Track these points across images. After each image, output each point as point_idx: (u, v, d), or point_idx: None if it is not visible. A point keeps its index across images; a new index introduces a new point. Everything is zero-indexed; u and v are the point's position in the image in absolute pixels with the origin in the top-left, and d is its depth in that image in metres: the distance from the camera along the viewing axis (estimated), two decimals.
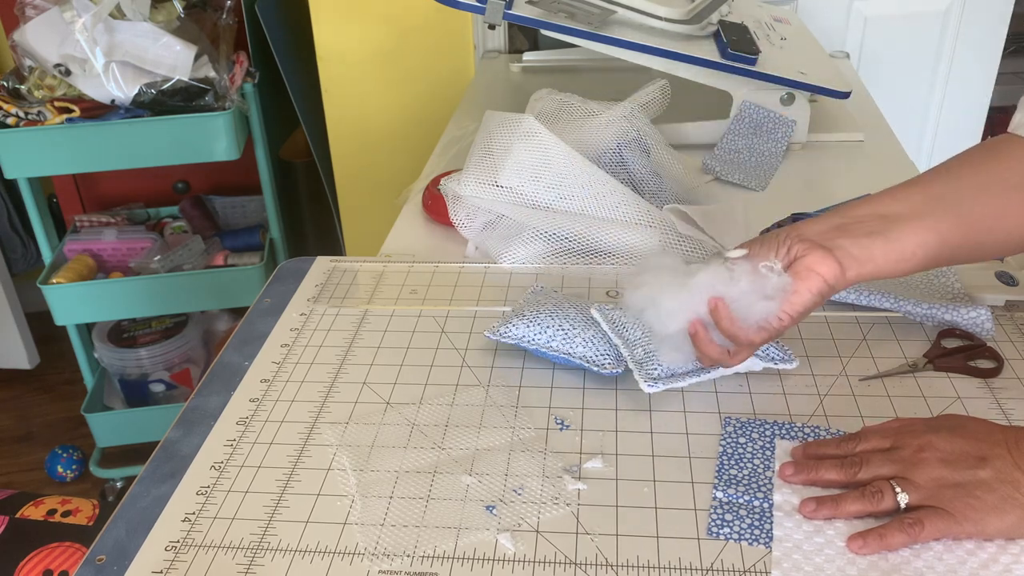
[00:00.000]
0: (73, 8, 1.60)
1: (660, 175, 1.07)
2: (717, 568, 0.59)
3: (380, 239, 1.09)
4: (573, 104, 1.11)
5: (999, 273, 0.89)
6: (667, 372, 0.75)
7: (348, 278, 0.97)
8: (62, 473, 2.15)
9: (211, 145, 1.78)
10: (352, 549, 0.62)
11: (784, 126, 1.23)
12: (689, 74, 1.20)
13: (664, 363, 0.75)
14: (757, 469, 0.67)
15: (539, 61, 1.71)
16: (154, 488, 0.69)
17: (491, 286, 0.95)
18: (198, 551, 0.63)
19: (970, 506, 0.59)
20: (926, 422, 0.67)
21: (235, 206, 2.24)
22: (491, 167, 1.03)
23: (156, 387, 2.06)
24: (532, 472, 0.68)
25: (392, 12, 1.82)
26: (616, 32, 1.15)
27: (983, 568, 0.58)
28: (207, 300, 1.97)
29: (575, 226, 0.98)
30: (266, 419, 0.76)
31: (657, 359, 0.75)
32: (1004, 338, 0.81)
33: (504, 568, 0.60)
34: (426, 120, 1.90)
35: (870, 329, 0.84)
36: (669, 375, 0.75)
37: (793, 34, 1.37)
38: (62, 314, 1.89)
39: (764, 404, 0.75)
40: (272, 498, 0.67)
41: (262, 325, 0.89)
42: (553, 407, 0.75)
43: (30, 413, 2.38)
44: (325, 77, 1.89)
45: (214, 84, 1.73)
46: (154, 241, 2.00)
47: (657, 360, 0.75)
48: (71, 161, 1.76)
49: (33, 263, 2.38)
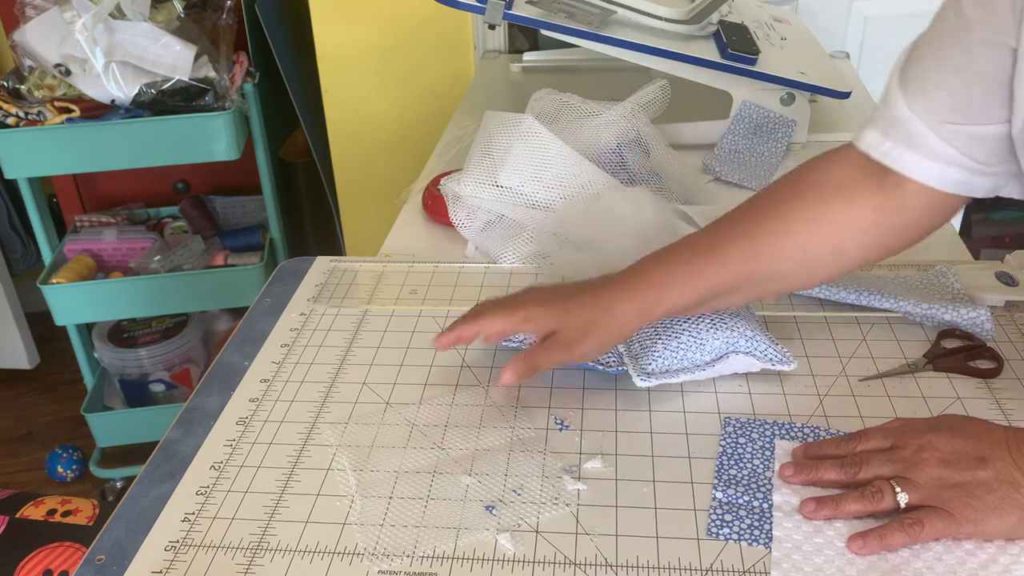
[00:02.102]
0: (73, 8, 1.60)
1: (660, 175, 1.07)
2: (717, 568, 0.59)
3: (380, 239, 1.09)
4: (573, 104, 1.11)
5: (999, 273, 0.89)
6: (662, 367, 0.75)
7: (348, 278, 0.97)
8: (62, 473, 2.15)
9: (211, 145, 1.78)
10: (352, 549, 0.62)
11: (784, 126, 1.23)
12: (689, 74, 1.20)
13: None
14: (757, 469, 0.67)
15: (539, 61, 1.71)
16: (154, 488, 0.69)
17: (491, 286, 0.95)
18: (198, 551, 0.63)
19: (970, 506, 0.59)
20: (926, 422, 0.67)
21: (235, 206, 2.24)
22: (491, 167, 1.03)
23: (156, 387, 2.06)
24: (532, 472, 0.68)
25: (392, 12, 1.82)
26: (616, 32, 1.15)
27: (982, 568, 0.58)
28: (207, 300, 1.97)
29: (575, 226, 0.98)
30: (266, 419, 0.76)
31: (653, 355, 0.76)
32: (1004, 338, 0.81)
33: (504, 568, 0.60)
34: (426, 120, 1.90)
35: (870, 329, 0.84)
36: (663, 370, 0.75)
37: (793, 34, 1.37)
38: (62, 314, 1.89)
39: (764, 404, 0.75)
40: (272, 498, 0.67)
41: (262, 325, 0.89)
42: (553, 407, 0.75)
43: (30, 413, 2.38)
44: (325, 77, 1.89)
45: (214, 84, 1.73)
46: (154, 241, 2.00)
47: (654, 354, 0.76)
48: (71, 161, 1.76)
49: (33, 263, 2.38)
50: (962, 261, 0.94)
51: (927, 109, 0.67)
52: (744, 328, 0.76)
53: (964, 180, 0.69)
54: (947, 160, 0.68)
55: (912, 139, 0.69)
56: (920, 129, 0.68)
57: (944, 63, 0.67)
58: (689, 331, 0.76)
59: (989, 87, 0.65)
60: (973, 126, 0.67)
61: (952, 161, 0.68)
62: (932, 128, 0.67)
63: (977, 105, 0.66)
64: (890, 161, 0.70)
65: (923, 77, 0.68)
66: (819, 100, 1.32)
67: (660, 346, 0.76)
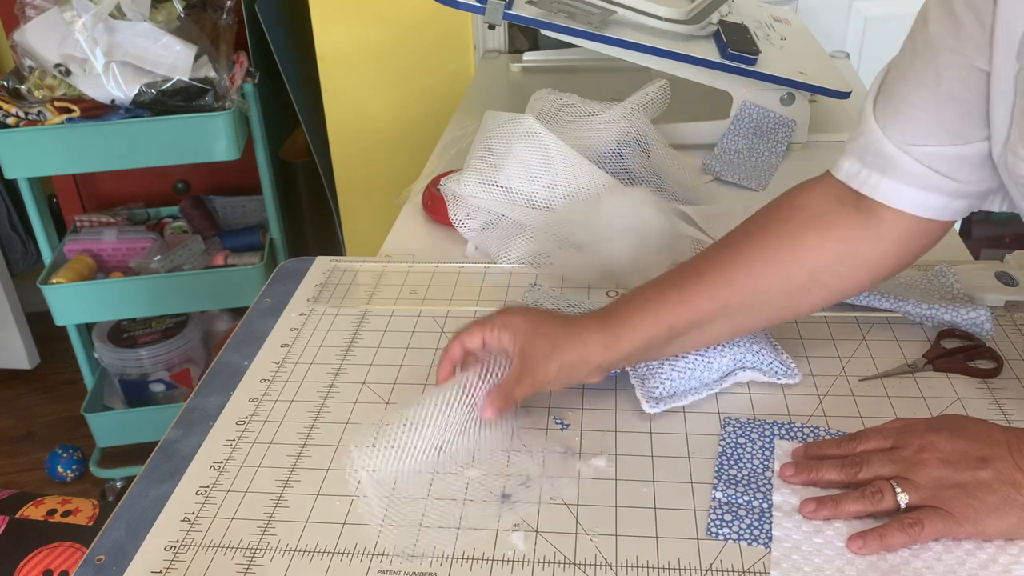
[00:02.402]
0: (73, 8, 1.60)
1: (660, 175, 1.07)
2: (716, 568, 0.59)
3: (380, 239, 1.09)
4: (573, 104, 1.11)
5: (999, 273, 0.89)
6: (669, 391, 0.75)
7: (348, 278, 0.97)
8: (62, 473, 2.15)
9: (211, 145, 1.78)
10: (351, 549, 0.62)
11: (784, 126, 1.23)
12: (689, 74, 1.20)
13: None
14: (756, 469, 0.67)
15: (539, 61, 1.71)
16: (153, 488, 0.69)
17: (491, 286, 0.95)
18: (197, 551, 0.63)
19: (970, 506, 0.59)
20: (927, 422, 0.67)
21: (235, 206, 2.24)
22: (491, 167, 1.03)
23: (156, 387, 2.06)
24: (532, 472, 0.68)
25: (392, 12, 1.82)
26: (616, 32, 1.15)
27: (982, 568, 0.58)
28: (207, 300, 1.97)
29: (575, 226, 0.98)
30: (265, 419, 0.76)
31: (660, 376, 0.75)
32: (1004, 338, 0.81)
33: (504, 568, 0.60)
34: (426, 120, 1.90)
35: (870, 329, 0.84)
36: (671, 394, 0.75)
37: (793, 34, 1.37)
38: (62, 314, 1.89)
39: (764, 404, 0.75)
40: (271, 498, 0.67)
41: (262, 325, 0.89)
42: (553, 407, 0.75)
43: (30, 413, 2.38)
44: (325, 77, 1.89)
45: (214, 84, 1.73)
46: (154, 241, 2.00)
47: (661, 376, 0.75)
48: (71, 161, 1.76)
49: (33, 263, 2.38)
50: (962, 261, 0.94)
51: (904, 132, 0.67)
52: (750, 343, 0.76)
53: (943, 205, 0.69)
54: (925, 184, 0.68)
55: (887, 164, 0.68)
56: (895, 153, 0.68)
57: (916, 87, 0.66)
58: (697, 351, 0.76)
59: (963, 108, 0.65)
60: (950, 147, 0.66)
61: (930, 185, 0.68)
62: (906, 151, 0.67)
63: (952, 127, 0.66)
64: (867, 189, 0.70)
65: (897, 100, 0.68)
66: (819, 100, 1.32)
67: (667, 367, 0.75)
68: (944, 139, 0.66)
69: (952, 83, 0.64)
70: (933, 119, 0.66)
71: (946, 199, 0.69)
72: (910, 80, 0.67)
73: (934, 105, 0.66)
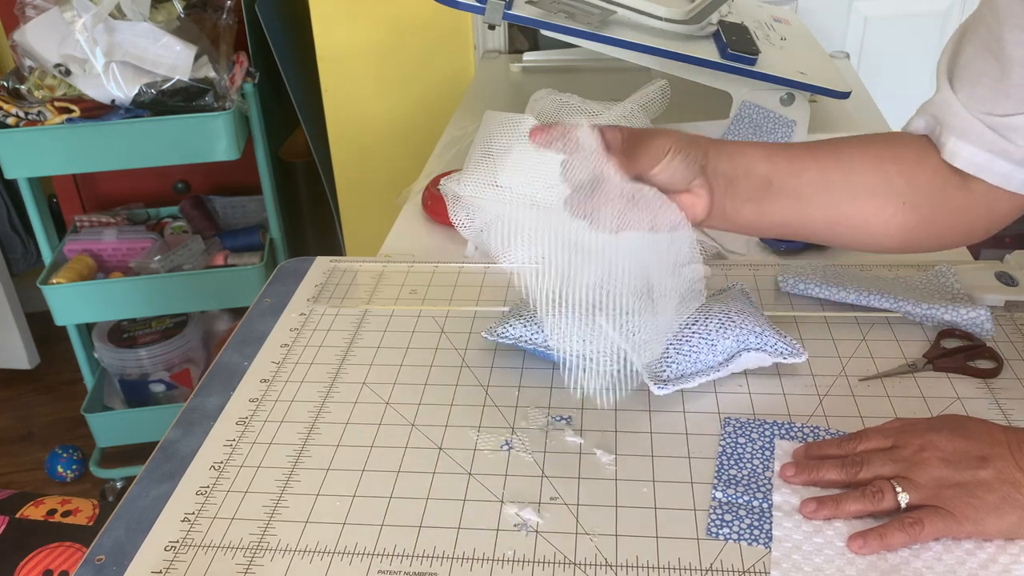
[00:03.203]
0: (73, 8, 1.60)
1: None
2: (716, 568, 0.59)
3: (380, 239, 1.09)
4: (573, 104, 1.11)
5: (999, 273, 0.89)
6: (676, 373, 0.75)
7: (348, 278, 0.97)
8: (62, 473, 2.15)
9: (211, 145, 1.78)
10: (352, 549, 0.62)
11: (784, 126, 1.23)
12: (689, 74, 1.20)
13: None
14: (756, 469, 0.67)
15: (539, 61, 1.71)
16: (153, 488, 0.69)
17: (491, 286, 0.95)
18: (197, 551, 0.63)
19: (970, 506, 0.59)
20: (927, 422, 0.67)
21: (235, 206, 2.24)
22: (491, 167, 1.03)
23: (156, 387, 2.06)
24: (531, 472, 0.68)
25: (392, 12, 1.82)
26: (616, 32, 1.15)
27: (982, 568, 0.58)
28: (207, 300, 1.97)
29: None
30: (265, 419, 0.76)
31: (666, 359, 0.75)
32: (1004, 338, 0.81)
33: (503, 568, 0.60)
34: (426, 120, 1.90)
35: (870, 329, 0.84)
36: (679, 376, 0.75)
37: (793, 34, 1.37)
38: (62, 314, 1.89)
39: (764, 404, 0.75)
40: (271, 498, 0.67)
41: (262, 325, 0.89)
42: (553, 407, 0.75)
43: (30, 413, 2.38)
44: (325, 77, 1.89)
45: (214, 84, 1.73)
46: (154, 241, 2.00)
47: (667, 360, 0.76)
48: (71, 161, 1.77)
49: (33, 263, 2.38)
50: (962, 261, 0.94)
51: (971, 95, 0.69)
52: (752, 325, 0.76)
53: (1006, 172, 0.70)
54: (992, 148, 0.69)
55: (956, 123, 0.70)
56: (960, 112, 0.69)
57: (983, 51, 0.68)
58: (699, 333, 0.76)
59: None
60: (1016, 116, 0.67)
61: (996, 149, 0.69)
62: (971, 111, 0.69)
63: (1019, 94, 0.67)
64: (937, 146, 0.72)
65: (964, 62, 0.69)
66: (819, 100, 1.32)
67: (672, 351, 0.76)
68: (1009, 107, 0.67)
69: (1016, 48, 0.65)
70: (999, 84, 0.67)
71: (1011, 166, 0.69)
72: (976, 44, 0.69)
73: (999, 72, 0.67)
